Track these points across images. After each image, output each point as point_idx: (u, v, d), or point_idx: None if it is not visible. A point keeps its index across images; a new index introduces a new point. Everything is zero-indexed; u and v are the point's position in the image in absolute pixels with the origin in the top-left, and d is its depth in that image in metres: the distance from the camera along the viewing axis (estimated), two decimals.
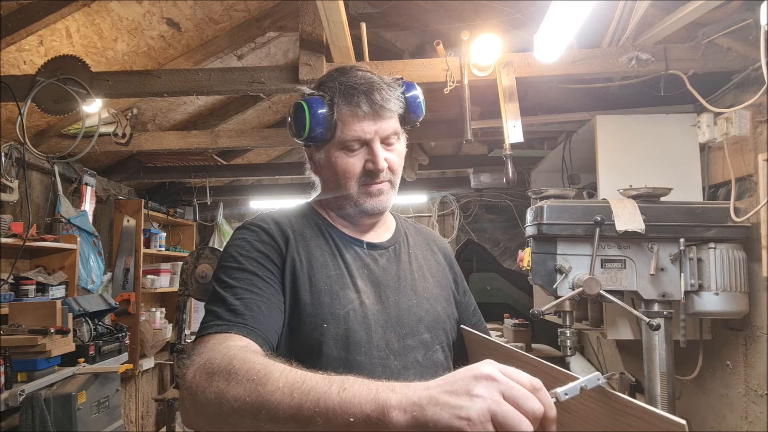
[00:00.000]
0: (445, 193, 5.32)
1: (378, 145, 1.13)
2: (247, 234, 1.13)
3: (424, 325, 1.15)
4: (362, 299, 1.10)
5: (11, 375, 2.54)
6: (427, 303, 1.19)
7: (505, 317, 4.16)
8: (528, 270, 2.12)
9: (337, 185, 1.16)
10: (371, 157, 1.13)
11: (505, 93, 2.29)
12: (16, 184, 3.13)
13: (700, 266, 2.04)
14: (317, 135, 1.11)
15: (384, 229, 1.26)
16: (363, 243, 1.20)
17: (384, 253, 1.21)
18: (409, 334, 1.12)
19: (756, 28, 2.00)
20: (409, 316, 1.14)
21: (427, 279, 1.24)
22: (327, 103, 1.12)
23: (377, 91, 1.11)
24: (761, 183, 1.97)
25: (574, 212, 2.04)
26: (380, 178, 1.15)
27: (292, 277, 1.08)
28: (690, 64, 2.23)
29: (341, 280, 1.11)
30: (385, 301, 1.14)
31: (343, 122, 1.11)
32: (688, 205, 2.07)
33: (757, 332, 2.08)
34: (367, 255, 1.19)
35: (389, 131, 1.14)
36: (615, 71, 2.32)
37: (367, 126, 1.11)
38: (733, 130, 2.12)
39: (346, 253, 1.17)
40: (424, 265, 1.26)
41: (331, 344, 1.04)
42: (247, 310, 0.99)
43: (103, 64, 2.91)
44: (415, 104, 1.19)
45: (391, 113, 1.13)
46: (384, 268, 1.18)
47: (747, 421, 2.13)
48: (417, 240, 1.31)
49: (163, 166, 4.47)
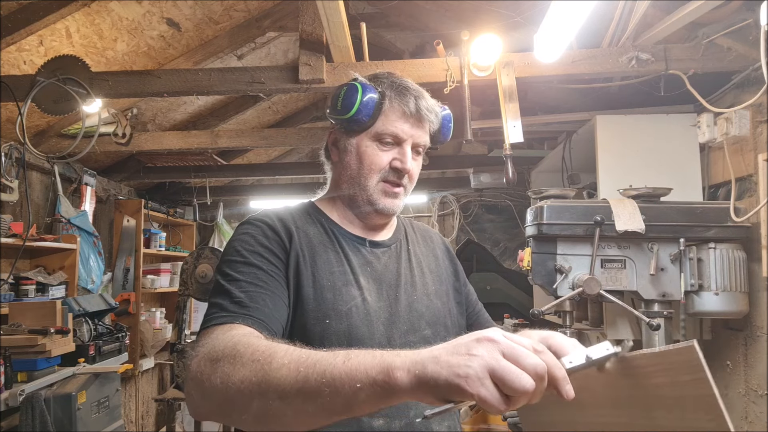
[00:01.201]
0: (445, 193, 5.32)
1: (409, 147, 1.17)
2: (251, 229, 1.12)
3: (425, 321, 1.17)
4: (365, 296, 1.11)
5: (11, 375, 2.54)
6: (427, 299, 1.21)
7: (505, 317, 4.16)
8: (528, 270, 2.12)
9: (359, 175, 1.17)
10: (401, 157, 1.16)
11: (505, 93, 2.29)
12: (16, 184, 3.13)
13: (700, 266, 2.04)
14: (360, 118, 1.13)
15: (387, 229, 1.28)
16: (366, 241, 1.21)
17: (386, 251, 1.23)
18: (410, 331, 1.14)
19: (756, 28, 2.00)
20: (410, 312, 1.16)
21: (426, 275, 1.25)
22: (379, 92, 1.15)
23: (425, 99, 1.18)
24: (761, 183, 1.97)
25: (574, 212, 2.04)
26: (402, 180, 1.18)
27: (295, 272, 1.09)
28: (690, 64, 2.23)
29: (344, 276, 1.12)
30: (387, 298, 1.15)
31: (387, 116, 1.15)
32: (688, 205, 2.07)
33: (757, 332, 2.08)
34: (369, 253, 1.20)
35: (421, 140, 1.18)
36: (615, 71, 2.32)
37: (407, 126, 1.16)
38: (733, 130, 2.12)
39: (350, 251, 1.18)
40: (423, 262, 1.28)
41: (333, 340, 1.04)
42: (251, 302, 0.99)
43: (103, 64, 2.91)
44: (447, 127, 1.25)
45: (430, 125, 1.19)
46: (386, 266, 1.20)
47: (747, 421, 2.13)
48: (415, 237, 1.33)
49: (163, 166, 4.47)
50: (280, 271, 1.08)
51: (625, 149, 2.46)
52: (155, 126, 3.97)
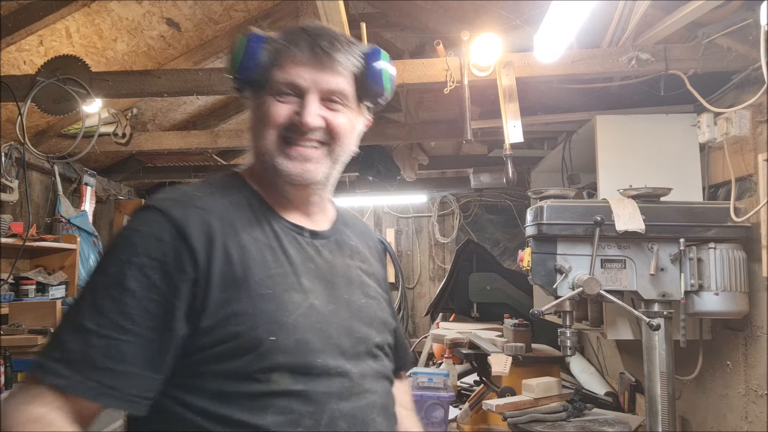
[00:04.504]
0: (445, 193, 5.32)
1: (313, 97, 0.96)
2: (145, 227, 0.88)
3: (375, 328, 1.03)
4: (311, 301, 0.94)
5: (11, 375, 2.54)
6: (375, 303, 1.06)
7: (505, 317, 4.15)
8: (528, 270, 2.12)
9: (258, 136, 0.98)
10: (300, 109, 0.95)
11: (505, 93, 2.29)
12: (16, 184, 3.13)
13: (700, 266, 2.04)
14: (249, 75, 0.96)
15: (323, 218, 1.09)
16: (305, 231, 1.02)
17: (326, 243, 1.04)
18: (361, 339, 0.99)
19: (756, 28, 1.99)
20: (361, 318, 1.01)
21: (370, 275, 1.10)
22: (271, 43, 0.97)
23: (326, 38, 0.96)
24: (761, 183, 1.97)
25: (574, 212, 2.04)
26: (307, 137, 0.96)
27: (221, 285, 0.87)
28: (690, 64, 2.23)
29: (285, 279, 0.93)
30: (336, 301, 0.98)
31: (281, 65, 0.96)
32: (688, 205, 2.06)
33: (757, 332, 2.08)
34: (309, 245, 1.01)
35: (333, 86, 0.97)
36: (615, 71, 2.32)
37: (305, 72, 0.95)
38: (733, 130, 2.11)
39: (288, 243, 0.97)
40: (365, 260, 1.12)
41: (281, 361, 0.87)
42: (111, 361, 0.79)
43: (103, 64, 2.91)
44: (376, 72, 1.02)
45: (340, 67, 0.97)
46: (329, 262, 1.02)
47: (747, 421, 2.13)
48: (355, 231, 1.16)
49: (163, 166, 4.47)
50: (174, 301, 0.84)
51: (625, 149, 2.46)
52: (155, 126, 3.97)
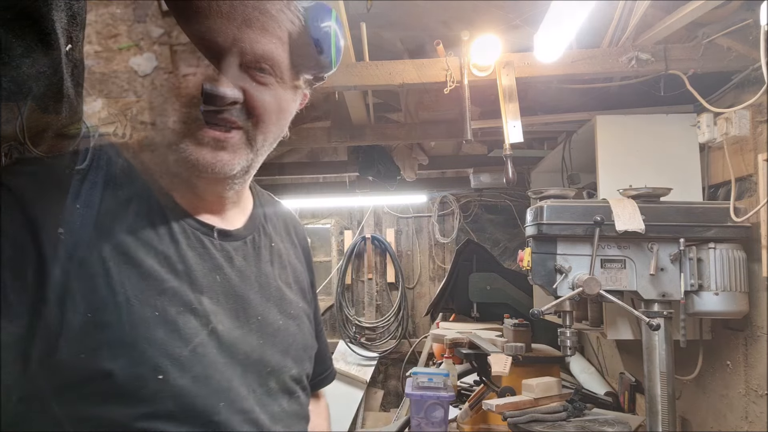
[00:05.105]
0: (445, 193, 5.32)
1: (231, 61, 0.72)
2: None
3: (291, 356, 0.85)
4: (213, 326, 0.74)
5: None
6: (294, 324, 0.87)
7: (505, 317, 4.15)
8: (528, 270, 2.12)
9: (160, 114, 0.79)
10: (215, 74, 0.72)
11: (505, 93, 2.30)
12: None
13: (700, 266, 2.04)
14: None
15: (238, 211, 0.88)
16: (213, 230, 0.81)
17: (240, 247, 0.84)
18: (273, 372, 0.81)
19: (756, 28, 2.00)
20: (275, 344, 0.82)
21: (291, 285, 0.91)
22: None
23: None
24: (761, 183, 1.97)
25: (574, 212, 2.04)
26: (222, 117, 0.73)
27: (85, 303, 0.66)
28: (690, 64, 2.23)
29: (179, 297, 0.72)
30: (246, 324, 0.79)
31: (186, 19, 0.71)
32: (687, 205, 2.07)
33: (757, 332, 2.08)
34: (219, 250, 0.80)
35: (259, 49, 0.73)
36: (615, 71, 2.32)
37: (216, 24, 0.70)
38: (733, 130, 2.12)
39: (188, 249, 0.76)
40: (288, 266, 0.92)
41: (169, 405, 0.67)
42: None
43: None
44: (321, 35, 0.80)
45: (272, 23, 0.73)
46: (241, 272, 0.82)
47: (747, 421, 2.13)
48: (277, 226, 0.96)
49: None
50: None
51: (625, 149, 2.46)
52: None
